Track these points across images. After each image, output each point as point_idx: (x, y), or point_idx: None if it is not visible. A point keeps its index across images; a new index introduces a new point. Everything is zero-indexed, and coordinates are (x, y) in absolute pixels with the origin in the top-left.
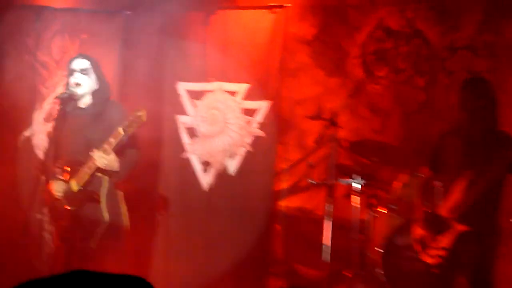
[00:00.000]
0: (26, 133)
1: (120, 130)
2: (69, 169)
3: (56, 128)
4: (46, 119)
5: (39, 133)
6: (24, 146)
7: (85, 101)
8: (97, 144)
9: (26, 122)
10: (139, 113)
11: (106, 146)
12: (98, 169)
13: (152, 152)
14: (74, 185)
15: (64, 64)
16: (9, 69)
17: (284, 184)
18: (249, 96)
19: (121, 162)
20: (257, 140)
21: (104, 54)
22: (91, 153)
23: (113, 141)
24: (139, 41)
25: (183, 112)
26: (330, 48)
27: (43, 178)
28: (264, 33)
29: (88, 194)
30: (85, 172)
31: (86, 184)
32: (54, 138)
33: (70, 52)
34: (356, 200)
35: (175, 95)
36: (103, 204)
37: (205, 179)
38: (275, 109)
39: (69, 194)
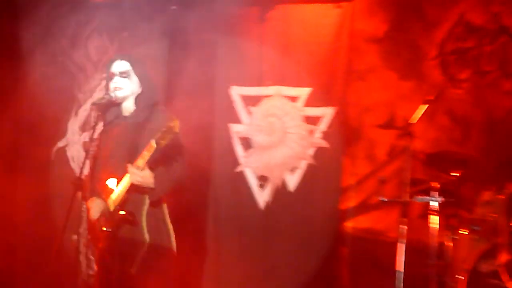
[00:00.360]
0: (60, 144)
1: (153, 142)
2: (107, 185)
3: (93, 139)
4: (82, 128)
5: (74, 143)
6: (57, 158)
7: (127, 108)
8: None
9: (60, 131)
10: (171, 124)
11: (139, 160)
12: (133, 187)
13: (202, 165)
14: (111, 204)
15: (102, 66)
16: (41, 72)
17: (351, 202)
18: (311, 102)
19: (158, 178)
20: (320, 152)
21: (147, 55)
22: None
23: (146, 154)
24: (187, 40)
25: (236, 120)
26: (404, 47)
27: (79, 194)
28: (328, 31)
29: (123, 215)
30: (121, 190)
31: (124, 203)
32: (92, 150)
33: (109, 52)
34: (433, 221)
35: (228, 101)
36: (143, 225)
37: (262, 196)
38: (340, 117)
39: (106, 214)
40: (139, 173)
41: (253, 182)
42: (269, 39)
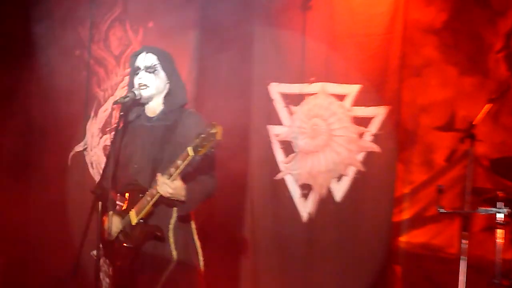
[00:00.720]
0: (78, 148)
1: (189, 150)
2: (128, 196)
3: (115, 142)
4: (103, 130)
5: (94, 148)
6: (75, 164)
7: (153, 108)
8: (166, 166)
9: (78, 134)
10: (213, 130)
11: (172, 170)
12: (162, 199)
13: (237, 173)
14: (133, 217)
15: (125, 60)
16: (57, 66)
17: (405, 213)
18: (360, 101)
19: (189, 191)
20: (371, 157)
21: (176, 48)
22: (157, 178)
23: (180, 164)
24: (220, 32)
25: (276, 121)
26: (465, 39)
27: (99, 205)
28: (380, 20)
29: (149, 229)
30: (146, 202)
31: (149, 216)
32: (113, 155)
33: (133, 44)
34: (499, 235)
35: (266, 100)
36: (171, 241)
37: (305, 207)
38: (394, 118)
39: (127, 228)
40: (170, 184)
41: (294, 191)
42: (313, 30)
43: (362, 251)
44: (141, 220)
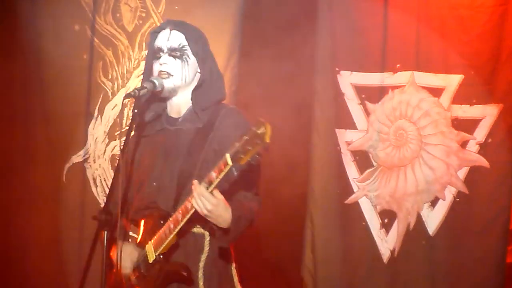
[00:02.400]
0: (76, 159)
1: (227, 158)
2: (144, 224)
3: (126, 150)
4: (111, 135)
5: (98, 158)
6: (72, 179)
7: (179, 105)
8: (198, 180)
9: (76, 139)
10: (259, 130)
11: (206, 182)
12: (195, 220)
13: (293, 193)
14: (151, 252)
15: (141, 40)
16: (49, 47)
17: None
18: (463, 97)
19: (236, 213)
20: (477, 174)
21: (211, 24)
22: (192, 186)
23: (215, 177)
24: (269, 0)
25: (347, 123)
26: None
27: (104, 235)
28: None
29: (172, 269)
30: (168, 231)
31: (172, 250)
32: (124, 168)
33: (152, 18)
34: None
35: (334, 94)
36: (201, 284)
37: (386, 242)
38: (509, 120)
39: (143, 267)
40: (211, 198)
41: (372, 219)
42: (397, 1)
43: None
44: (160, 256)
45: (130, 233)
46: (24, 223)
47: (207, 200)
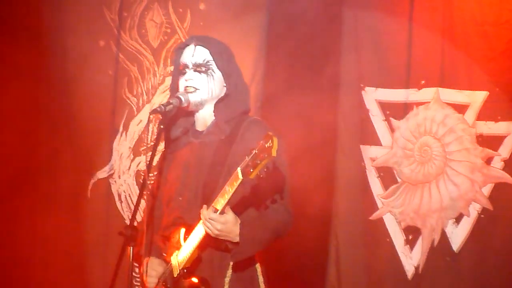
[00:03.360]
0: (101, 174)
1: (238, 172)
2: (171, 238)
3: (152, 166)
4: (135, 151)
5: (123, 174)
6: (97, 195)
7: (204, 119)
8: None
9: (101, 155)
10: (267, 144)
11: (218, 200)
12: (209, 240)
13: (317, 209)
14: (175, 267)
15: (166, 55)
16: (74, 63)
17: None
18: (488, 114)
19: (246, 228)
20: (502, 191)
21: (236, 39)
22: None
23: (229, 191)
24: (296, 16)
25: (372, 140)
26: None
27: (129, 251)
28: None
29: (195, 284)
30: (190, 244)
31: (195, 265)
32: (150, 183)
33: (177, 34)
34: None
35: (359, 111)
36: None
37: (410, 258)
38: None
39: (169, 282)
40: (218, 219)
41: (396, 236)
42: (423, 16)
43: None
44: (184, 270)
45: (158, 247)
46: (49, 238)
47: (215, 222)
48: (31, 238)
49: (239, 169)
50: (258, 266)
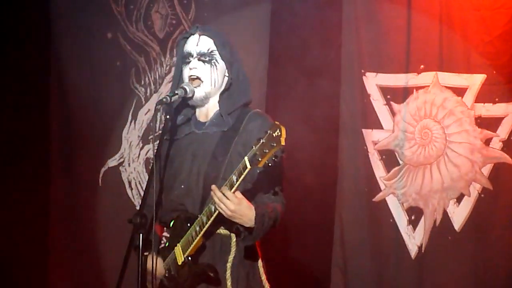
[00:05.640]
0: (112, 162)
1: (246, 161)
2: (172, 226)
3: (160, 154)
4: (144, 139)
5: (132, 162)
6: (108, 183)
7: (206, 110)
8: (223, 183)
9: (111, 143)
10: (275, 133)
11: (228, 185)
12: (220, 222)
13: (321, 192)
14: (179, 255)
15: (172, 46)
16: (83, 54)
17: None
18: (486, 96)
19: (259, 212)
20: (501, 171)
21: (239, 29)
22: (212, 191)
23: (235, 180)
24: (299, 6)
25: (373, 124)
26: None
27: (140, 238)
28: None
29: (199, 270)
30: (195, 233)
31: (199, 252)
32: (157, 173)
33: (182, 25)
34: None
35: (360, 96)
36: (229, 284)
37: (413, 238)
38: None
39: (173, 269)
40: (234, 198)
41: (399, 216)
42: (420, 3)
43: None
44: (188, 258)
45: (164, 235)
46: (63, 223)
47: (229, 201)
48: (46, 226)
49: (246, 158)
50: (258, 251)
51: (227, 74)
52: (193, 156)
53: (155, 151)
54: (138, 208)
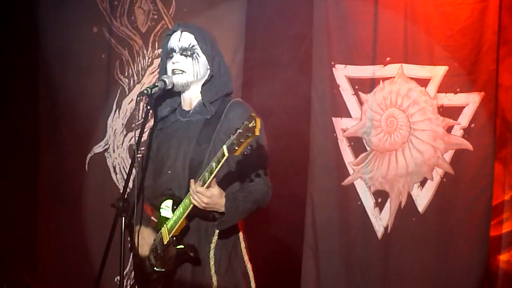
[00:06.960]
0: (97, 149)
1: (224, 150)
2: (160, 208)
3: (141, 143)
4: (128, 127)
5: (117, 148)
6: (94, 168)
7: (190, 100)
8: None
9: (97, 131)
10: (251, 124)
11: (206, 175)
12: (196, 211)
13: (294, 177)
14: (165, 235)
15: (154, 40)
16: (70, 47)
17: (506, 226)
18: (448, 87)
19: (230, 200)
20: (461, 157)
21: (217, 24)
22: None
23: (215, 167)
24: (272, 1)
25: (342, 112)
26: None
27: (122, 221)
28: None
29: (181, 250)
30: (178, 215)
31: (183, 233)
32: (140, 157)
33: (164, 20)
34: None
35: (330, 86)
36: (211, 263)
37: (379, 220)
38: (490, 107)
39: (159, 249)
40: (205, 192)
41: (367, 199)
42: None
43: (452, 274)
44: (173, 238)
45: (152, 218)
46: (52, 207)
47: (202, 195)
48: (34, 213)
49: (224, 147)
50: (240, 233)
51: (208, 67)
52: (179, 143)
53: (137, 139)
54: (121, 191)
